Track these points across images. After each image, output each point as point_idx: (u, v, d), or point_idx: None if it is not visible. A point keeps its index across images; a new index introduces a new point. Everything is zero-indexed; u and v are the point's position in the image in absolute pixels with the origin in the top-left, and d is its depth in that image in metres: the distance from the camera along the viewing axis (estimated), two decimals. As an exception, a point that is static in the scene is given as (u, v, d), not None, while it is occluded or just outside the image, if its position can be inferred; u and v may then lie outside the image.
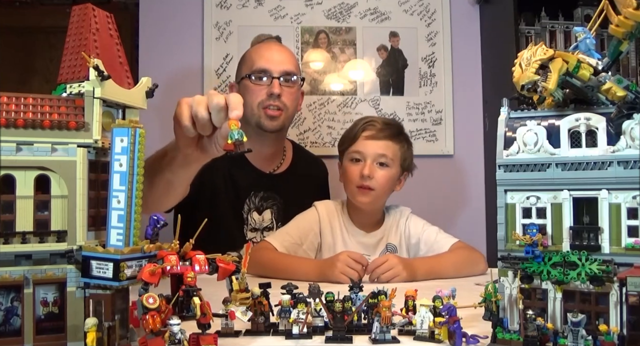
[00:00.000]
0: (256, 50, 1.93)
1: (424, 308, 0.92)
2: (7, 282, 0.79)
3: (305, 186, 2.05)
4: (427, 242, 1.82)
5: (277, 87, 1.83)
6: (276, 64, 1.85)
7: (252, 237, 1.95)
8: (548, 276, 0.84)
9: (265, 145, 1.95)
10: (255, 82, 1.85)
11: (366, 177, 1.75)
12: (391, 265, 1.55)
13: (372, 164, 1.77)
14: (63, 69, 0.89)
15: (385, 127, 1.81)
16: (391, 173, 1.80)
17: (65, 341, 0.81)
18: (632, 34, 0.83)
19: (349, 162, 1.82)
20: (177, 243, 0.87)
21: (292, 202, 1.98)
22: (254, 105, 1.85)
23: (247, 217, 1.94)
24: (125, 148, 0.81)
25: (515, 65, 0.91)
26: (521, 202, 0.90)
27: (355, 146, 1.79)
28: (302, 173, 2.07)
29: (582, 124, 0.86)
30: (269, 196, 1.96)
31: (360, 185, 1.77)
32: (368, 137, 1.78)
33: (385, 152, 1.78)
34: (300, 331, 0.92)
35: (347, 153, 1.83)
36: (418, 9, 2.75)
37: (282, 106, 1.86)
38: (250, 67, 1.87)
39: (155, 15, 2.66)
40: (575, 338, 0.78)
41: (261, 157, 1.97)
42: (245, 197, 1.93)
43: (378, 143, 1.78)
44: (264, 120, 1.86)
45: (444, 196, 2.73)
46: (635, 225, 0.82)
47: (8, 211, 0.80)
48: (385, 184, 1.79)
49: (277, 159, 2.03)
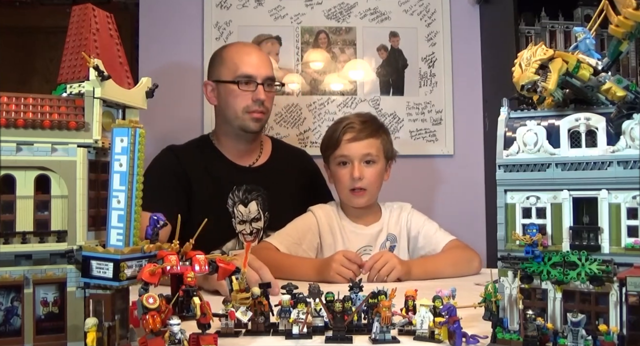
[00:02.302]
0: (237, 54, 1.96)
1: (424, 308, 0.93)
2: (7, 282, 0.79)
3: (288, 177, 2.08)
4: (426, 235, 1.86)
5: (262, 93, 1.90)
6: (259, 70, 1.92)
7: (242, 229, 1.98)
8: (548, 276, 0.84)
9: (243, 142, 2.01)
10: (242, 87, 1.91)
11: (357, 179, 1.80)
12: (386, 259, 1.59)
13: (359, 165, 1.81)
14: (63, 69, 0.89)
15: (363, 125, 1.84)
16: (378, 168, 1.85)
17: (65, 341, 0.81)
18: (632, 34, 0.84)
19: (336, 166, 1.86)
20: (177, 243, 0.87)
21: (276, 192, 2.02)
22: (238, 109, 1.91)
23: (233, 210, 1.97)
24: (125, 148, 0.81)
25: (515, 65, 0.91)
26: (521, 202, 0.90)
27: (339, 150, 1.84)
28: (283, 165, 2.11)
29: (582, 124, 0.86)
30: (252, 188, 2.00)
31: (352, 188, 1.81)
32: (350, 139, 1.82)
33: (369, 151, 1.82)
34: (300, 331, 0.92)
35: (332, 158, 1.87)
36: (418, 9, 2.75)
37: (265, 110, 1.94)
38: (234, 71, 1.92)
39: (155, 15, 2.66)
40: (575, 338, 0.78)
41: (237, 153, 2.02)
42: (228, 192, 1.97)
43: (361, 144, 1.82)
44: (249, 123, 1.93)
45: (444, 196, 2.73)
46: (635, 225, 0.82)
47: (8, 211, 0.80)
48: (376, 180, 1.85)
49: (254, 154, 2.07)
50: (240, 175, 1.99)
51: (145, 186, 0.83)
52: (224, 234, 1.94)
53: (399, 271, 1.57)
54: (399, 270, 1.58)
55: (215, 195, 1.95)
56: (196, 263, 0.86)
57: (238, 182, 1.98)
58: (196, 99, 2.62)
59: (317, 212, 1.90)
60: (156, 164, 1.94)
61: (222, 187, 1.96)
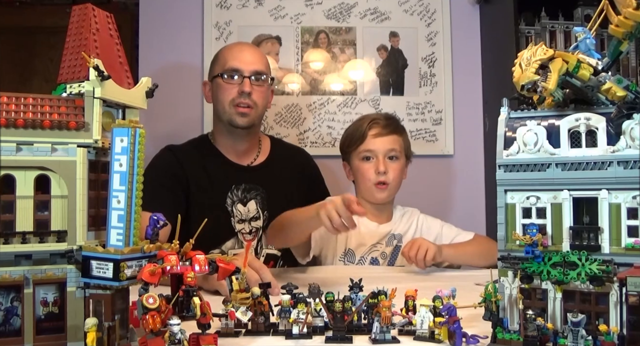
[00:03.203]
0: (229, 50, 1.99)
1: (424, 308, 0.93)
2: (7, 282, 0.79)
3: (287, 175, 2.08)
4: (448, 236, 1.94)
5: (248, 85, 1.89)
6: (247, 64, 1.92)
7: (241, 228, 1.98)
8: (548, 276, 0.84)
9: (238, 141, 2.01)
10: (227, 80, 1.91)
11: (382, 173, 1.87)
12: (419, 244, 1.68)
13: (384, 160, 1.89)
14: (63, 69, 0.89)
15: (388, 122, 1.93)
16: (401, 164, 1.94)
17: (65, 341, 0.81)
18: (632, 34, 0.83)
19: (360, 161, 1.92)
20: (177, 243, 0.87)
21: (275, 191, 2.01)
22: (225, 103, 1.92)
23: (232, 209, 1.97)
24: (125, 148, 0.81)
25: (515, 65, 0.91)
26: (521, 202, 0.90)
27: (364, 145, 1.90)
28: (282, 164, 2.11)
29: (582, 124, 0.86)
30: (251, 187, 2.00)
31: (377, 182, 1.88)
32: (376, 134, 1.90)
33: (394, 146, 1.91)
34: (300, 331, 0.92)
35: (356, 153, 1.93)
36: (418, 9, 2.74)
37: (252, 104, 1.92)
38: (222, 66, 1.94)
39: (155, 15, 2.66)
40: (575, 338, 0.78)
41: (235, 152, 2.02)
42: (227, 191, 1.97)
43: (387, 139, 1.90)
44: (235, 117, 1.92)
45: (444, 196, 2.73)
46: (635, 225, 0.82)
47: (8, 211, 0.80)
48: (398, 176, 1.92)
49: (252, 153, 2.06)
50: (238, 174, 1.99)
51: (144, 186, 0.83)
52: (223, 233, 1.94)
53: (433, 250, 1.66)
54: (433, 249, 1.66)
55: (214, 194, 1.95)
56: (196, 263, 0.86)
57: (237, 181, 1.98)
58: (196, 99, 2.62)
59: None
60: (155, 164, 1.94)
61: (221, 186, 1.96)
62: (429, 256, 1.65)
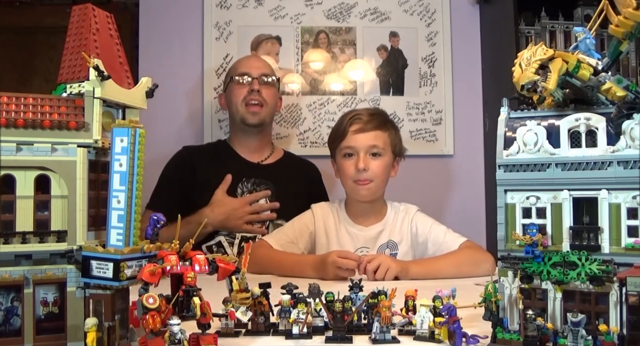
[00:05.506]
0: (238, 60, 2.27)
1: (424, 308, 0.92)
2: (7, 282, 0.79)
3: (297, 177, 2.20)
4: (436, 241, 1.83)
5: (257, 84, 2.12)
6: (255, 68, 2.16)
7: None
8: (548, 276, 0.84)
9: (251, 139, 2.19)
10: (238, 82, 2.14)
11: (362, 170, 1.79)
12: (379, 261, 1.58)
13: (365, 156, 1.81)
14: (63, 69, 0.89)
15: (371, 117, 1.85)
16: (385, 161, 1.84)
17: (65, 341, 0.81)
18: (632, 34, 0.83)
19: (342, 158, 1.86)
20: (177, 243, 0.87)
21: (284, 188, 2.12)
22: (237, 102, 2.13)
23: None
24: (125, 148, 0.81)
25: (515, 65, 0.91)
26: (521, 202, 0.90)
27: (345, 141, 1.84)
28: (291, 168, 2.24)
29: (582, 124, 0.86)
30: (260, 182, 2.12)
31: (357, 180, 1.81)
32: (356, 130, 1.83)
33: (375, 142, 1.82)
34: (300, 331, 0.92)
35: (338, 150, 1.87)
36: (418, 9, 2.74)
37: (262, 101, 2.12)
38: (233, 72, 2.19)
39: (155, 15, 2.66)
40: (575, 338, 0.78)
41: (248, 149, 2.20)
42: (237, 182, 2.09)
43: (368, 135, 1.82)
44: (247, 115, 2.12)
45: (443, 196, 2.73)
46: (635, 225, 0.82)
47: (8, 211, 0.80)
48: (382, 173, 1.83)
49: (264, 151, 2.23)
50: (249, 169, 2.14)
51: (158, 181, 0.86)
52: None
53: (393, 272, 1.56)
54: (394, 269, 1.56)
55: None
56: (196, 263, 0.86)
57: (247, 175, 2.12)
58: (196, 99, 2.62)
59: (316, 211, 1.92)
60: (169, 162, 2.16)
61: (232, 178, 2.08)
62: (388, 276, 1.54)
